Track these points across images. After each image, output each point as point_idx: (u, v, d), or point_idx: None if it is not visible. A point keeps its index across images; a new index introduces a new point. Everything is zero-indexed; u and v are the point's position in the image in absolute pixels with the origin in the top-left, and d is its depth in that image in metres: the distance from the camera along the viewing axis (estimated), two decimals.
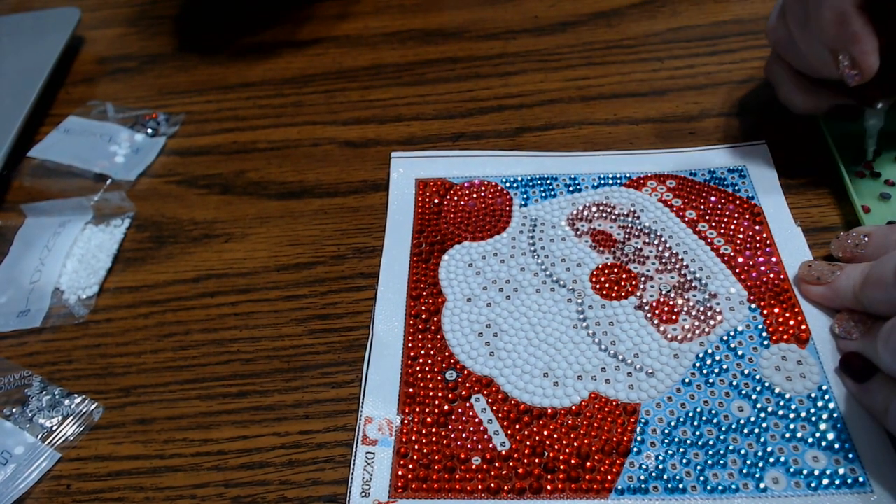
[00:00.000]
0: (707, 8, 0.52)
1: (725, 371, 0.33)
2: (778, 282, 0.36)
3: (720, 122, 0.44)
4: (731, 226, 0.38)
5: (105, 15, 0.61)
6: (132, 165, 0.47)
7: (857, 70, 0.34)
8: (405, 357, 0.35)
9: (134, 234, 0.44)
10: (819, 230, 0.38)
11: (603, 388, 0.33)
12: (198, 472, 0.33)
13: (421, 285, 0.38)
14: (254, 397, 0.35)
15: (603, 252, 0.38)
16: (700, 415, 0.32)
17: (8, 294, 0.41)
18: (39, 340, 0.39)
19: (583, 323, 0.35)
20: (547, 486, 0.31)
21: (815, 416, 0.31)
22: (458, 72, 0.50)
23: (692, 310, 0.35)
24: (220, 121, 0.50)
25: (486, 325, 0.36)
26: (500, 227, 0.40)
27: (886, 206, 0.37)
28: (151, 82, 0.54)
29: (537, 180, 0.42)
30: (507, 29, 0.53)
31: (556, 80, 0.49)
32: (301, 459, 0.33)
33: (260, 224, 0.43)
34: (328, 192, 0.44)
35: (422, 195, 0.42)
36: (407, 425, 0.33)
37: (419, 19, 0.55)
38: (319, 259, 0.40)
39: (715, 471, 0.30)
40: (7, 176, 0.48)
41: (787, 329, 0.34)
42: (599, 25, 0.52)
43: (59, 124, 0.50)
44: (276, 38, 0.56)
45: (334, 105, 0.50)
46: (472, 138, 0.46)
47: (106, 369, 0.37)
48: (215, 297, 0.39)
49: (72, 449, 0.34)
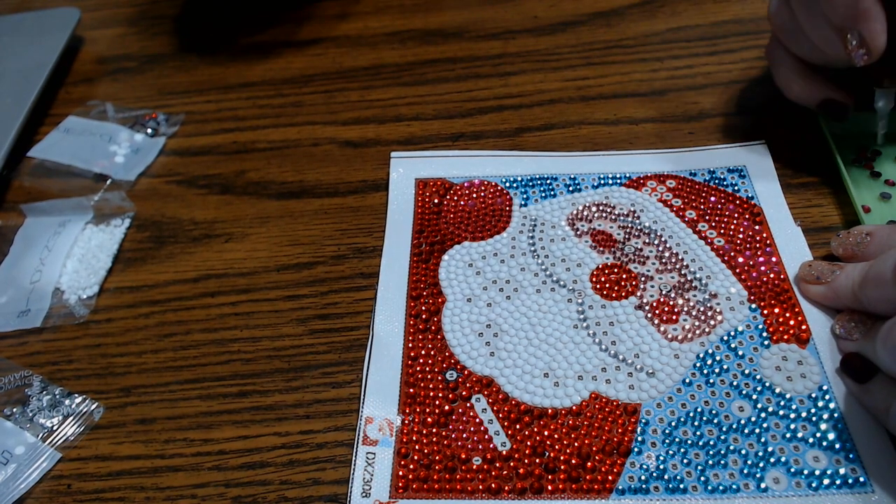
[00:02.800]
0: (707, 8, 0.52)
1: (726, 371, 0.33)
2: (778, 282, 0.36)
3: (720, 122, 0.44)
4: (731, 226, 0.38)
5: (105, 15, 0.61)
6: (132, 165, 0.47)
7: (864, 49, 0.33)
8: (405, 357, 0.35)
9: (134, 234, 0.44)
10: (819, 230, 0.38)
11: (603, 389, 0.33)
12: (198, 472, 0.33)
13: (421, 285, 0.38)
14: (254, 397, 0.35)
15: (603, 252, 0.38)
16: (700, 415, 0.32)
17: (8, 294, 0.41)
18: (40, 340, 0.39)
19: (583, 323, 0.36)
20: (548, 486, 0.31)
21: (815, 416, 0.31)
22: (458, 72, 0.50)
23: (692, 310, 0.35)
24: (220, 121, 0.50)
25: (486, 325, 0.36)
26: (499, 227, 0.40)
27: (886, 206, 0.37)
28: (151, 82, 0.54)
29: (537, 180, 0.42)
30: (507, 29, 0.53)
31: (555, 80, 0.49)
32: (301, 459, 0.33)
33: (260, 224, 0.43)
34: (328, 192, 0.44)
35: (421, 195, 0.42)
36: (407, 425, 0.33)
37: (419, 19, 0.55)
38: (319, 259, 0.40)
39: (716, 471, 0.30)
40: (7, 176, 0.48)
41: (788, 329, 0.34)
42: (599, 25, 0.52)
43: (59, 124, 0.50)
44: (276, 38, 0.56)
45: (334, 105, 0.50)
46: (472, 138, 0.46)
47: (106, 369, 0.37)
48: (216, 296, 0.39)
49: (72, 449, 0.34)
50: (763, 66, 0.46)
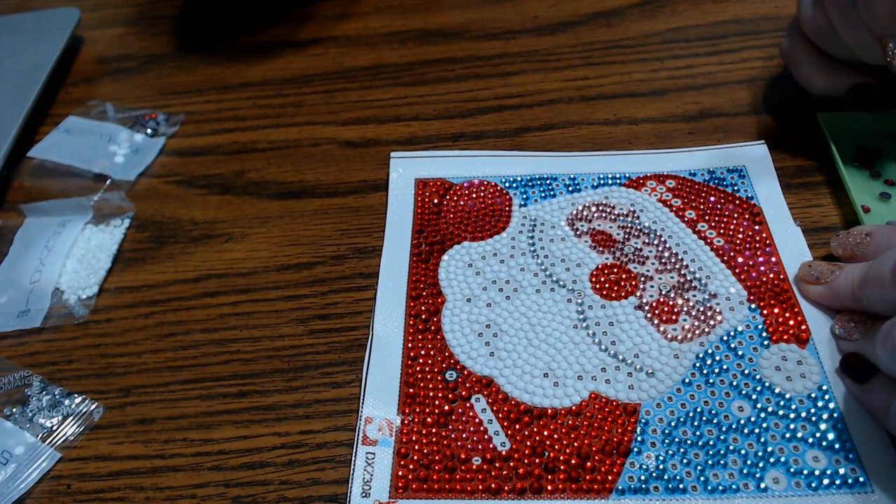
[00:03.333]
0: (707, 8, 0.52)
1: (725, 371, 0.33)
2: (778, 282, 0.36)
3: (719, 122, 0.44)
4: (731, 226, 0.38)
5: (105, 15, 0.61)
6: (132, 165, 0.47)
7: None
8: (405, 357, 0.35)
9: (134, 234, 0.44)
10: (819, 230, 0.38)
11: (603, 389, 0.33)
12: (198, 472, 0.33)
13: (421, 285, 0.38)
14: (254, 397, 0.35)
15: (603, 252, 0.38)
16: (700, 415, 0.32)
17: (8, 294, 0.41)
18: (39, 340, 0.39)
19: (583, 323, 0.36)
20: (547, 486, 0.31)
21: (815, 416, 0.31)
22: (458, 72, 0.50)
23: (692, 310, 0.35)
24: (220, 121, 0.50)
25: (486, 326, 0.36)
26: (499, 227, 0.40)
27: (886, 206, 0.37)
28: (151, 82, 0.54)
29: (537, 180, 0.42)
30: (507, 29, 0.53)
31: (555, 80, 0.49)
32: (301, 459, 0.33)
33: (260, 224, 0.43)
34: (328, 192, 0.44)
35: (421, 195, 0.42)
36: (407, 425, 0.33)
37: (419, 19, 0.55)
38: (319, 259, 0.40)
39: (715, 471, 0.30)
40: (7, 176, 0.48)
41: (787, 329, 0.34)
42: (599, 25, 0.52)
43: (59, 124, 0.50)
44: (276, 38, 0.56)
45: (334, 105, 0.50)
46: (472, 138, 0.46)
47: (106, 369, 0.37)
48: (215, 297, 0.39)
49: (72, 449, 0.34)
50: (763, 65, 0.47)
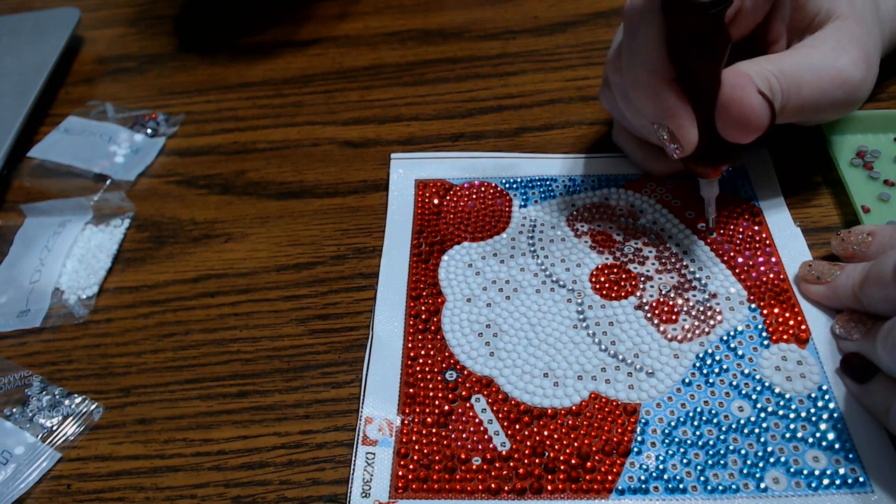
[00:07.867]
0: None
1: (725, 371, 0.33)
2: (778, 282, 0.36)
3: None
4: (731, 226, 0.38)
5: (105, 15, 0.61)
6: (132, 166, 0.47)
7: (676, 143, 0.34)
8: (405, 357, 0.35)
9: (134, 234, 0.44)
10: (819, 230, 0.38)
11: (603, 388, 0.33)
12: (198, 472, 0.33)
13: (421, 285, 0.38)
14: (254, 397, 0.35)
15: (602, 252, 0.38)
16: (700, 415, 0.32)
17: (8, 294, 0.41)
18: (39, 340, 0.39)
19: (583, 323, 0.35)
20: (547, 486, 0.31)
21: (815, 416, 0.31)
22: (458, 72, 0.50)
23: (692, 310, 0.35)
24: (220, 121, 0.50)
25: (486, 326, 0.36)
26: (499, 227, 0.40)
27: (886, 206, 0.37)
28: (151, 82, 0.54)
29: (536, 181, 0.42)
30: (507, 29, 0.53)
31: (555, 80, 0.49)
32: (301, 459, 0.33)
33: (260, 224, 0.43)
34: (328, 193, 0.44)
35: (421, 196, 0.42)
36: (407, 425, 0.33)
37: (419, 19, 0.55)
38: (319, 259, 0.40)
39: (715, 471, 0.30)
40: (7, 176, 0.48)
41: (787, 329, 0.34)
42: (599, 25, 0.52)
43: (59, 124, 0.50)
44: (276, 38, 0.56)
45: (334, 105, 0.50)
46: (472, 139, 0.46)
47: (106, 369, 0.37)
48: (215, 297, 0.39)
49: (72, 449, 0.34)
50: None
